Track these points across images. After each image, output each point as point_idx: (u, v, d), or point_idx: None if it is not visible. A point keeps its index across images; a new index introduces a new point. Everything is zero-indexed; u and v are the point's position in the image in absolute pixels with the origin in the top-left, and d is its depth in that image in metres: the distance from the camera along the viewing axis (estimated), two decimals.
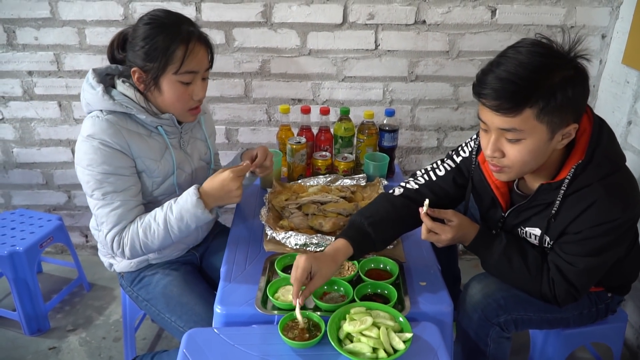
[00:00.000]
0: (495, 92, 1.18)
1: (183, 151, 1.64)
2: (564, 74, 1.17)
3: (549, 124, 1.20)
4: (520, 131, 1.21)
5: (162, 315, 1.59)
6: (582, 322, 1.57)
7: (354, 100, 2.44)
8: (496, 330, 1.50)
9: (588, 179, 1.27)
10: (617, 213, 1.26)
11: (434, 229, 1.42)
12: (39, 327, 2.28)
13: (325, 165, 2.02)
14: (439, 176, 1.58)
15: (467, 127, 2.50)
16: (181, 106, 1.52)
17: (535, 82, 1.16)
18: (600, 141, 1.28)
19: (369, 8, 2.25)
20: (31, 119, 2.47)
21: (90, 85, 1.50)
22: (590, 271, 1.35)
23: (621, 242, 1.35)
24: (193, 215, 1.46)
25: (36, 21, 2.26)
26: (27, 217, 2.38)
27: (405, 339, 1.21)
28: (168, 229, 1.47)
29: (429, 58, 2.36)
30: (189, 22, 1.48)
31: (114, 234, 1.48)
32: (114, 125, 1.46)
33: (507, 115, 1.19)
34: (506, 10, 2.25)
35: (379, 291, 1.41)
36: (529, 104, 1.17)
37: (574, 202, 1.30)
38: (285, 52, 2.33)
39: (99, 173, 1.45)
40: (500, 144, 1.26)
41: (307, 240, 1.56)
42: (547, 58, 1.17)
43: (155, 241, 1.49)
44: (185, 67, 1.45)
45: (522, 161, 1.26)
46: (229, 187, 1.47)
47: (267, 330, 1.28)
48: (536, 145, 1.23)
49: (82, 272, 2.53)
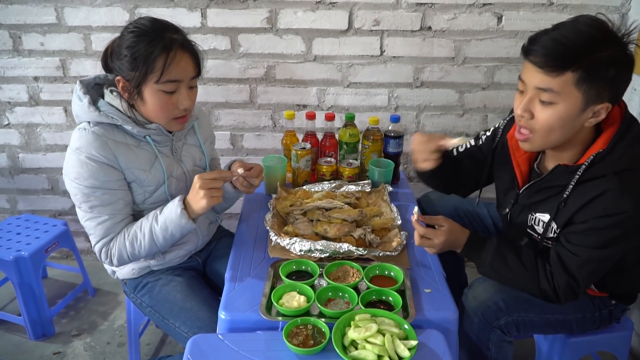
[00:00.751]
0: (544, 49, 1.21)
1: (176, 159, 1.64)
2: (613, 53, 1.19)
3: (585, 94, 1.22)
4: (556, 93, 1.23)
5: (166, 321, 1.59)
6: (585, 326, 1.56)
7: (359, 106, 2.44)
8: (497, 334, 1.50)
9: (604, 169, 1.28)
10: (626, 206, 1.25)
11: (427, 234, 1.46)
12: (43, 332, 2.28)
13: (330, 171, 2.02)
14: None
15: (472, 133, 2.49)
16: (165, 115, 1.50)
17: (585, 49, 1.19)
18: (625, 136, 1.29)
19: (375, 14, 2.25)
20: (37, 124, 2.48)
21: (77, 97, 1.50)
22: (591, 264, 1.34)
23: (627, 241, 1.33)
24: (177, 226, 1.47)
25: (42, 27, 2.28)
26: (33, 222, 2.39)
27: (410, 346, 1.20)
28: (154, 239, 1.50)
29: (435, 64, 2.35)
30: (173, 30, 1.46)
31: (102, 246, 1.52)
32: (100, 137, 1.46)
33: (549, 74, 1.22)
34: (512, 17, 2.25)
35: (383, 298, 1.40)
36: (572, 68, 1.19)
37: (586, 190, 1.30)
38: (291, 58, 2.34)
39: (86, 187, 1.46)
40: (532, 105, 1.29)
41: (312, 246, 1.56)
42: (602, 33, 1.20)
43: (142, 251, 1.52)
44: (167, 76, 1.43)
45: (549, 127, 1.28)
46: (195, 190, 1.46)
47: (272, 337, 1.28)
48: (567, 113, 1.25)
49: (87, 277, 2.53)
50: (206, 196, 1.43)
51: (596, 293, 1.55)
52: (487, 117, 2.46)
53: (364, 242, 1.64)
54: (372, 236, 1.64)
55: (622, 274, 1.49)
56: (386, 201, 1.87)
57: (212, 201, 1.44)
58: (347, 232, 1.65)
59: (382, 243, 1.65)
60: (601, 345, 1.70)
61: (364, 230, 1.66)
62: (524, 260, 1.42)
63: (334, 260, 1.54)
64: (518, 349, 2.18)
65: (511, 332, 1.50)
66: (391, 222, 1.73)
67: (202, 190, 1.43)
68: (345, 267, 1.51)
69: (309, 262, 1.52)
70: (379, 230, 1.71)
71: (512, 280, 1.46)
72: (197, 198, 1.45)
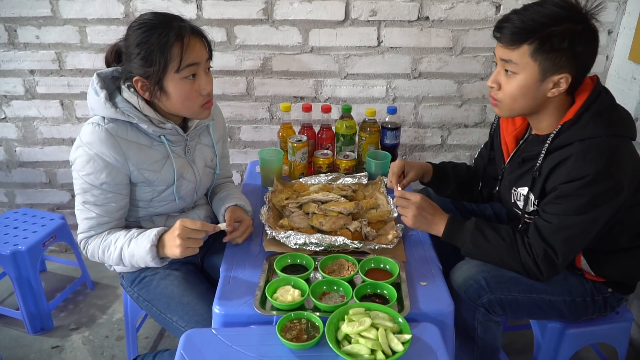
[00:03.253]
0: (505, 26, 1.35)
1: (188, 159, 1.63)
2: (570, 27, 1.30)
3: (541, 64, 1.33)
4: (515, 64, 1.36)
5: (163, 316, 1.58)
6: (577, 312, 1.56)
7: (357, 98, 2.42)
8: (482, 312, 1.53)
9: (571, 137, 1.37)
10: (587, 170, 1.31)
11: (404, 194, 1.58)
12: (42, 326, 2.28)
13: (327, 163, 2.01)
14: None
15: (471, 124, 2.48)
16: (191, 104, 1.49)
17: (541, 24, 1.31)
18: (591, 107, 1.37)
19: (371, 4, 2.23)
20: (34, 118, 2.47)
21: (94, 91, 1.48)
22: (565, 230, 1.38)
23: (599, 208, 1.36)
24: (142, 259, 1.47)
25: (37, 20, 2.26)
26: (30, 216, 2.38)
27: (404, 340, 1.19)
28: (121, 257, 1.51)
29: (433, 55, 2.33)
30: (178, 19, 1.45)
31: (82, 238, 1.56)
32: (112, 136, 1.44)
33: (508, 48, 1.36)
34: (511, 6, 2.22)
35: (378, 291, 1.40)
36: (527, 40, 1.32)
37: (555, 158, 1.39)
38: (287, 49, 2.32)
39: (85, 182, 1.47)
40: (499, 76, 1.43)
41: (307, 239, 1.55)
42: (564, 10, 1.31)
43: (110, 262, 1.54)
44: (186, 62, 1.41)
45: (512, 95, 1.41)
46: (173, 235, 1.43)
47: (265, 331, 1.27)
48: (527, 82, 1.37)
49: (86, 271, 2.53)
50: (181, 246, 1.41)
51: (592, 277, 1.55)
52: (486, 107, 2.44)
53: (360, 235, 1.63)
54: (368, 229, 1.63)
55: (616, 254, 1.51)
56: (383, 193, 1.86)
57: (186, 252, 1.42)
58: (343, 225, 1.64)
59: (378, 236, 1.63)
60: (600, 336, 1.69)
61: (360, 223, 1.65)
62: (502, 234, 1.47)
63: (329, 254, 1.53)
64: (517, 341, 2.19)
65: (496, 311, 1.52)
66: (387, 215, 1.72)
67: (179, 238, 1.40)
68: (340, 260, 1.50)
69: (304, 255, 1.51)
70: (375, 222, 1.70)
71: (493, 255, 1.49)
72: (172, 243, 1.43)
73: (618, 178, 1.33)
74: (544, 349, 1.66)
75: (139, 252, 1.46)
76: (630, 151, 1.38)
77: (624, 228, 1.46)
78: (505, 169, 1.62)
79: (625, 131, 1.38)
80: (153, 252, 1.45)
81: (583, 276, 1.56)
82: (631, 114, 1.46)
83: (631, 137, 1.40)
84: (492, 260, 1.51)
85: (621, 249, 1.50)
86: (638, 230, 1.50)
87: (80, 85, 2.39)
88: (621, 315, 1.66)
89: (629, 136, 1.39)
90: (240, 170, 2.59)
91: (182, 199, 1.63)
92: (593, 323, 1.62)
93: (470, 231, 1.49)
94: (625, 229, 1.47)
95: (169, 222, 1.66)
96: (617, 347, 1.71)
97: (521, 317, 1.58)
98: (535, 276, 1.45)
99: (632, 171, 1.36)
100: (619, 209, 1.39)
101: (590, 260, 1.52)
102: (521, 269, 1.45)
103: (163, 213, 1.66)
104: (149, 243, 1.45)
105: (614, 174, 1.32)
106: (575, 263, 1.54)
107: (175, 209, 1.67)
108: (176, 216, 1.68)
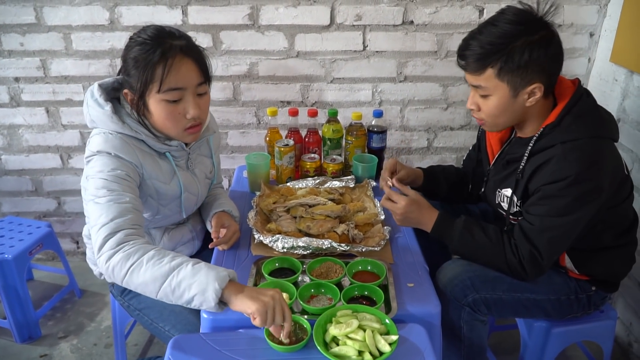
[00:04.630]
0: (465, 56, 1.39)
1: (190, 172, 1.62)
2: (527, 39, 1.32)
3: (510, 82, 1.36)
4: (485, 88, 1.40)
5: (154, 325, 1.57)
6: (561, 310, 1.58)
7: (343, 102, 2.43)
8: (467, 311, 1.54)
9: (553, 139, 1.39)
10: (569, 171, 1.33)
11: (391, 195, 1.59)
12: (30, 335, 2.27)
13: (314, 167, 2.02)
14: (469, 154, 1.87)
15: (457, 126, 2.50)
16: (172, 125, 1.44)
17: (498, 46, 1.33)
18: (572, 110, 1.40)
19: (356, 9, 2.24)
20: (19, 125, 2.46)
21: (96, 103, 1.43)
22: (549, 231, 1.40)
23: (582, 209, 1.37)
24: (200, 284, 1.19)
25: (21, 27, 2.25)
26: (17, 224, 2.37)
27: (391, 341, 1.20)
28: (164, 274, 1.21)
29: (418, 58, 2.35)
30: (175, 37, 1.39)
31: (108, 230, 1.27)
32: (128, 144, 1.41)
33: (473, 74, 1.40)
34: (493, 10, 2.18)
35: (366, 293, 1.41)
36: (490, 64, 1.35)
37: (537, 160, 1.41)
38: (273, 54, 2.33)
39: (109, 174, 1.35)
40: (476, 98, 1.46)
41: (294, 243, 1.56)
42: (515, 25, 1.33)
43: (135, 274, 1.22)
44: (167, 85, 1.36)
45: (492, 114, 1.45)
46: (261, 289, 1.24)
47: (254, 335, 1.27)
48: (501, 101, 1.40)
49: (73, 279, 2.51)
50: (265, 304, 1.17)
51: (576, 275, 1.57)
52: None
53: (347, 238, 1.64)
54: (356, 231, 1.64)
55: (600, 253, 1.53)
56: (370, 196, 1.87)
57: (262, 314, 1.17)
58: (330, 228, 1.64)
59: (365, 238, 1.64)
60: (585, 334, 1.71)
61: (347, 225, 1.66)
62: (489, 234, 1.49)
63: (317, 257, 1.53)
64: (505, 340, 2.21)
65: (481, 310, 1.53)
66: (374, 217, 1.73)
67: (271, 298, 1.19)
68: (328, 263, 1.51)
69: (292, 259, 1.52)
70: (363, 225, 1.71)
71: (480, 255, 1.51)
72: (255, 295, 1.20)
73: (599, 179, 1.35)
74: (531, 348, 1.68)
75: (200, 277, 1.19)
76: (611, 152, 1.40)
77: (607, 227, 1.49)
78: (490, 170, 1.64)
79: (607, 132, 1.41)
80: (224, 281, 1.20)
81: (567, 275, 1.58)
82: (613, 116, 1.48)
83: (613, 139, 1.42)
84: (479, 260, 1.53)
85: (605, 248, 1.52)
86: (621, 229, 1.53)
87: (66, 92, 2.38)
88: (606, 313, 1.68)
89: (611, 137, 1.42)
90: (227, 176, 2.59)
91: (186, 211, 1.62)
92: (578, 321, 1.64)
93: (459, 230, 1.51)
94: (608, 228, 1.49)
95: (166, 234, 1.65)
96: (602, 345, 1.73)
97: (506, 315, 1.60)
98: (520, 276, 1.46)
99: (613, 172, 1.39)
100: (601, 209, 1.41)
101: (575, 259, 1.54)
102: (506, 269, 1.47)
103: (161, 226, 1.65)
104: (224, 272, 1.22)
105: (596, 174, 1.34)
106: (560, 262, 1.56)
107: (172, 222, 1.67)
108: (173, 229, 1.67)
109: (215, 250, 1.62)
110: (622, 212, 1.50)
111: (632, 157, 2.06)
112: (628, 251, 1.57)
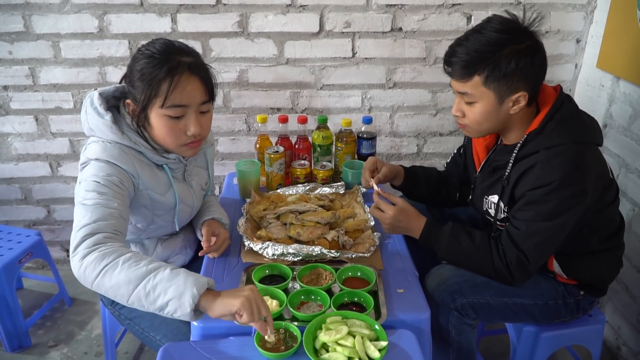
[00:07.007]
0: (452, 63, 1.41)
1: (187, 184, 1.62)
2: (514, 48, 1.34)
3: (496, 90, 1.38)
4: (471, 95, 1.42)
5: (146, 334, 1.57)
6: (549, 315, 1.59)
7: (333, 108, 2.44)
8: (455, 316, 1.55)
9: (537, 146, 1.41)
10: (553, 176, 1.35)
11: (379, 204, 1.59)
12: (19, 344, 2.25)
13: (304, 173, 2.02)
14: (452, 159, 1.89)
15: (446, 132, 2.52)
16: (173, 140, 1.44)
17: (485, 54, 1.35)
18: (555, 116, 1.42)
19: (345, 16, 2.26)
20: (8, 134, 2.45)
21: (95, 111, 1.42)
22: (536, 236, 1.41)
23: (567, 214, 1.39)
24: (177, 289, 1.16)
25: (10, 35, 2.25)
26: (6, 233, 2.35)
27: (380, 347, 1.21)
28: (138, 276, 1.18)
29: (407, 65, 2.37)
30: (184, 53, 1.39)
31: (86, 231, 1.24)
32: (126, 153, 1.41)
33: (460, 81, 1.41)
34: (481, 17, 2.24)
35: (356, 299, 1.41)
36: (477, 72, 1.37)
37: (522, 166, 1.43)
38: (263, 61, 2.33)
39: (103, 178, 1.34)
40: (461, 105, 1.48)
41: (284, 250, 1.56)
42: (502, 34, 1.35)
43: (107, 278, 1.18)
44: (171, 101, 1.36)
45: (476, 121, 1.46)
46: (237, 290, 1.22)
47: (244, 342, 1.27)
48: (487, 108, 1.42)
49: (63, 287, 2.50)
50: (247, 299, 1.17)
51: (564, 279, 1.58)
52: None
53: (337, 244, 1.64)
54: (346, 238, 1.65)
55: (587, 257, 1.54)
56: (360, 202, 1.88)
57: (248, 311, 1.16)
58: (320, 234, 1.65)
59: (355, 244, 1.65)
60: (574, 339, 1.72)
61: (337, 232, 1.66)
62: (476, 240, 1.50)
63: (307, 264, 1.54)
64: (495, 345, 2.22)
65: (469, 314, 1.54)
66: (364, 224, 1.74)
67: (252, 291, 1.19)
68: (318, 270, 1.52)
69: (282, 266, 1.52)
70: (353, 231, 1.71)
71: (467, 261, 1.52)
72: (236, 294, 1.19)
73: (583, 183, 1.36)
74: (520, 353, 1.69)
75: (178, 282, 1.16)
76: (595, 157, 1.42)
77: (594, 231, 1.50)
78: (477, 177, 1.65)
79: (590, 137, 1.42)
80: (203, 287, 1.17)
81: (555, 279, 1.59)
82: (597, 121, 1.50)
83: (596, 143, 1.44)
84: (467, 266, 1.54)
85: (592, 252, 1.54)
86: (608, 233, 1.54)
87: (55, 100, 2.37)
88: (594, 317, 1.69)
89: (594, 142, 1.43)
90: (218, 182, 2.59)
91: (179, 223, 1.62)
92: (567, 326, 1.65)
93: (447, 237, 1.51)
94: (595, 232, 1.51)
95: (160, 245, 1.65)
96: (591, 349, 1.74)
97: (494, 320, 1.61)
98: (508, 281, 1.47)
99: (597, 176, 1.40)
100: (587, 213, 1.42)
101: (562, 264, 1.55)
102: (494, 274, 1.48)
103: (154, 237, 1.64)
104: (204, 278, 1.20)
105: (579, 178, 1.36)
106: (548, 266, 1.58)
107: (166, 233, 1.66)
108: (166, 239, 1.67)
109: (206, 258, 1.62)
110: (608, 216, 1.52)
111: (619, 162, 2.08)
112: (615, 255, 1.59)
